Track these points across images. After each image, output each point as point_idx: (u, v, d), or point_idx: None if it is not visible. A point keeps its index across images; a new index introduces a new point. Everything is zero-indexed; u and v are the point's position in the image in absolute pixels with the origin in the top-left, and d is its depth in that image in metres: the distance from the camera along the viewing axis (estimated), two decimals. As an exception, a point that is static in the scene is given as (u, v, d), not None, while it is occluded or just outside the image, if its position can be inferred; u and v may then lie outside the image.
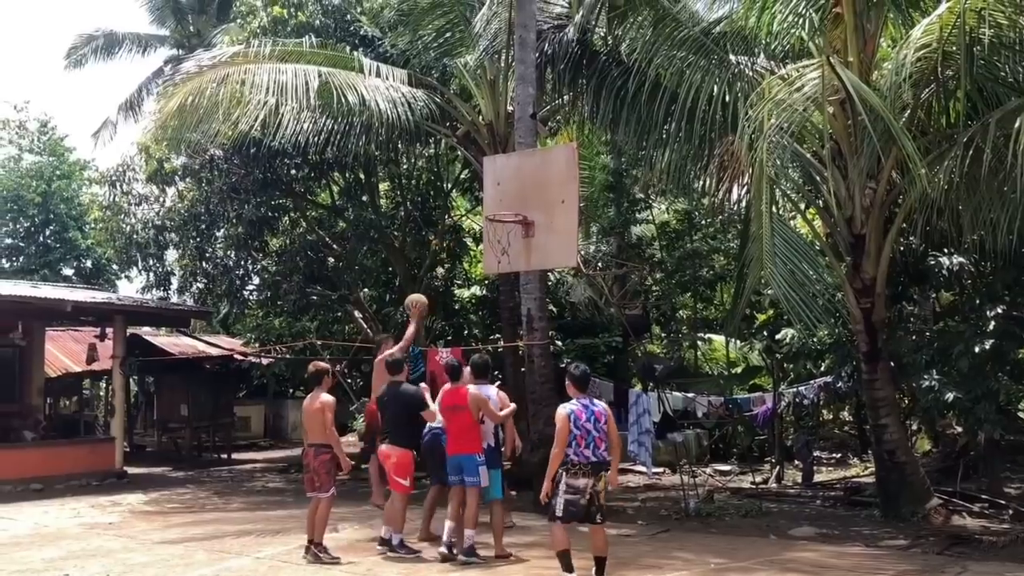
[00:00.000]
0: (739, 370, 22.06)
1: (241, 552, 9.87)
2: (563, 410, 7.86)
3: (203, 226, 17.84)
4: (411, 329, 11.05)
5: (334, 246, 18.92)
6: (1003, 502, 12.02)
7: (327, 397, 9.40)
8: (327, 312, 19.14)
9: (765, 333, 19.59)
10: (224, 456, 22.02)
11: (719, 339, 23.39)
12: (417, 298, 11.59)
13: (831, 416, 21.28)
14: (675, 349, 22.74)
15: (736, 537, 10.61)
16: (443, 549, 9.15)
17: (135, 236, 18.20)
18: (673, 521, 11.90)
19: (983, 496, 12.41)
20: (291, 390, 26.78)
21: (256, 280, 19.39)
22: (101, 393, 28.06)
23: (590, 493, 7.66)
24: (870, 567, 8.67)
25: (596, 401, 8.02)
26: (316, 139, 15.05)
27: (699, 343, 23.23)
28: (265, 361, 21.37)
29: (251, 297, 19.66)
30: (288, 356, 19.30)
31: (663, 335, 23.78)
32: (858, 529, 11.11)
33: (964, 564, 8.73)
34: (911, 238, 13.49)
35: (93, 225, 23.21)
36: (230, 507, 14.00)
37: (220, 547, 10.23)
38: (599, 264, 21.98)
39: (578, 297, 21.94)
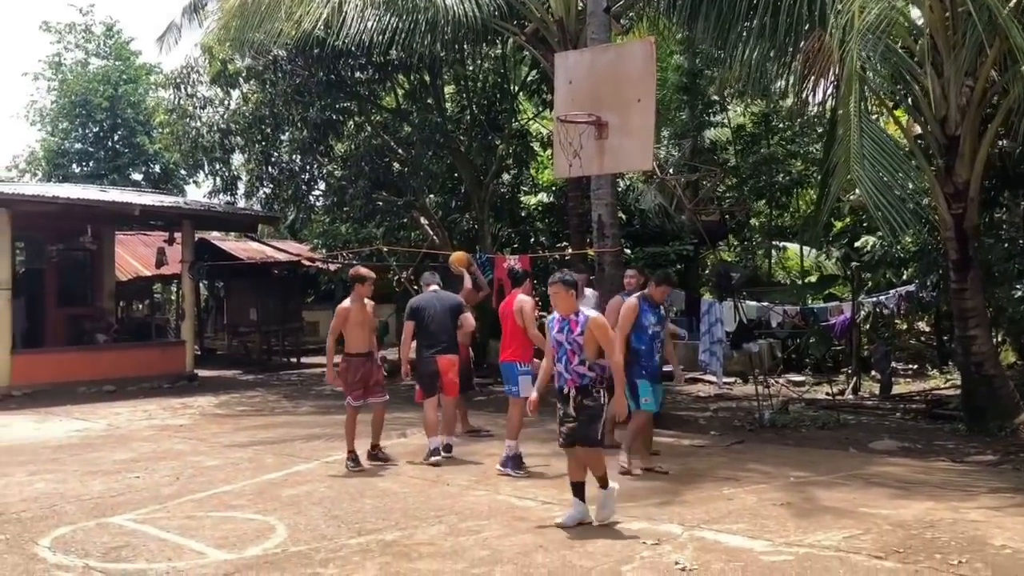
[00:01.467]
0: (813, 279, 21.47)
1: (310, 457, 9.82)
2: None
3: (268, 129, 17.59)
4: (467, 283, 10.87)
5: (399, 151, 18.53)
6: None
7: (342, 304, 9.15)
8: (393, 218, 18.84)
9: (844, 241, 18.98)
10: (293, 360, 22.22)
11: (793, 247, 22.79)
12: (457, 256, 11.28)
13: (906, 327, 20.65)
14: (748, 257, 22.20)
15: (813, 449, 10.28)
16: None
17: (200, 140, 18.02)
18: (747, 432, 11.59)
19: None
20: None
21: (322, 185, 19.16)
22: (172, 297, 28.51)
23: None
24: (961, 484, 8.28)
25: None
26: (380, 38, 14.52)
27: (773, 251, 22.62)
28: (332, 267, 21.35)
29: (317, 203, 19.48)
30: (355, 262, 19.17)
31: (736, 243, 23.21)
32: (942, 443, 10.69)
33: (1060, 482, 8.30)
34: (1005, 141, 12.72)
35: (159, 129, 23.16)
36: (299, 411, 14.07)
37: (289, 451, 10.22)
38: (671, 170, 21.41)
39: (648, 204, 21.41)
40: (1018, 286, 11.88)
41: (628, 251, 19.85)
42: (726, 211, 21.35)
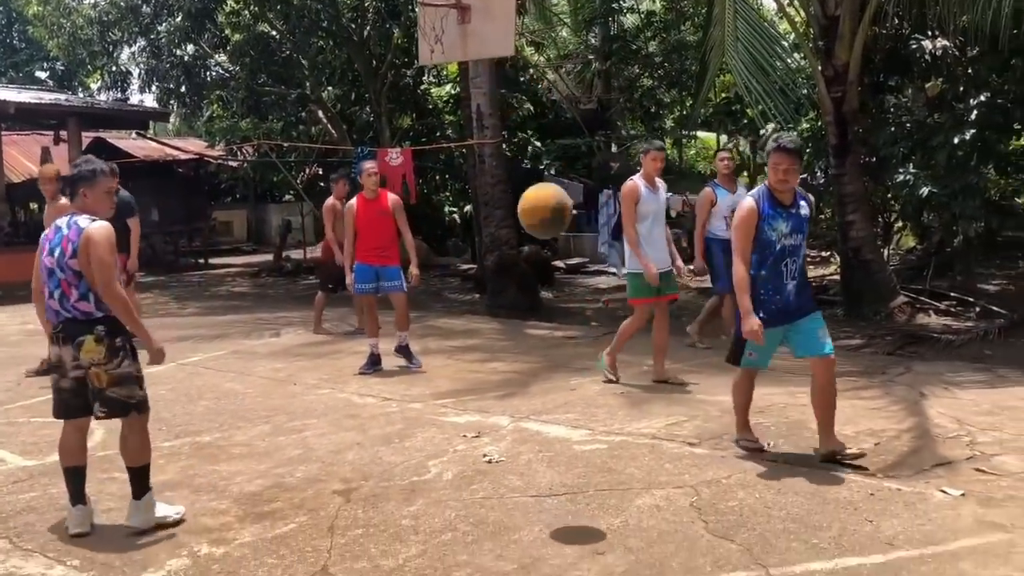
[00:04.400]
0: (726, 168, 21.27)
1: (169, 359, 9.50)
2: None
3: (146, 21, 16.67)
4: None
5: (292, 39, 17.71)
6: (971, 299, 11.55)
7: None
8: (287, 113, 18.12)
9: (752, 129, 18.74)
10: (201, 261, 21.77)
11: (711, 137, 22.58)
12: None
13: (831, 214, 20.59)
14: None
15: (684, 336, 10.23)
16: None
17: (78, 33, 17.05)
18: (628, 322, 11.48)
19: (952, 294, 11.92)
20: (280, 195, 26.18)
21: (209, 77, 18.35)
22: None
23: None
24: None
25: None
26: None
27: (688, 141, 22.41)
28: (233, 164, 20.74)
29: (209, 96, 18.68)
30: (254, 158, 18.60)
31: (646, 132, 22.91)
32: (815, 329, 10.70)
33: (908, 364, 8.31)
34: (893, 20, 12.46)
35: (34, 23, 22.03)
36: (183, 312, 13.74)
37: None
38: (589, 56, 20.96)
39: (560, 95, 21.00)
40: (901, 170, 11.76)
41: (538, 144, 19.54)
42: (636, 100, 20.95)
